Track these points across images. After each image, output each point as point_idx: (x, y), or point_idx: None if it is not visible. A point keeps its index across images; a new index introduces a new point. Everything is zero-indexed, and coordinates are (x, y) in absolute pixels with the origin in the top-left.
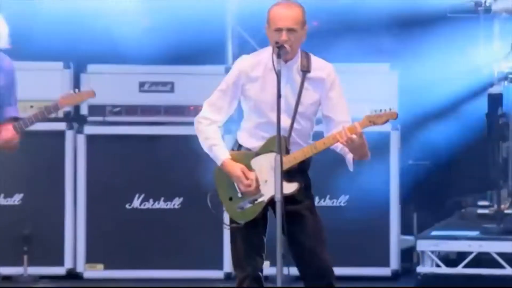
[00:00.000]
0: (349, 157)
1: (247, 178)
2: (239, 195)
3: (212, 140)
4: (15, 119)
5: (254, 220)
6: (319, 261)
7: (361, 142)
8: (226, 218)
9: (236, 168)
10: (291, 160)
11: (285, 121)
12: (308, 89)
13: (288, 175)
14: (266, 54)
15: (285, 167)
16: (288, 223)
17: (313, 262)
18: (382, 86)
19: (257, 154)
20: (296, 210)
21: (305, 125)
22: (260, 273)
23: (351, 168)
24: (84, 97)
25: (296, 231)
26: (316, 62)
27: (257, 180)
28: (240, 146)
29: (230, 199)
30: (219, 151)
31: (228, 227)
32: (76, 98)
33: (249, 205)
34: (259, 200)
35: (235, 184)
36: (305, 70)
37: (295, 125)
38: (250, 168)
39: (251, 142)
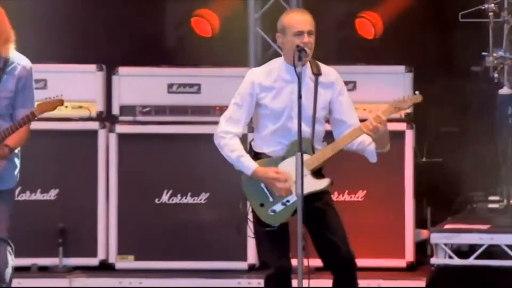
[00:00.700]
0: (370, 148)
1: (281, 177)
2: (270, 199)
3: (238, 152)
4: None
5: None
6: (341, 253)
7: (385, 130)
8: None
9: (270, 172)
10: (319, 157)
11: (305, 124)
12: (321, 93)
13: (318, 172)
14: (276, 64)
15: (316, 164)
16: (311, 218)
17: (335, 254)
18: (397, 87)
19: (283, 158)
20: (317, 206)
21: (319, 128)
22: (287, 271)
23: (373, 159)
24: (56, 104)
25: (318, 226)
26: (323, 67)
27: (288, 180)
28: (255, 153)
29: (261, 205)
30: (248, 161)
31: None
32: (48, 106)
33: (282, 207)
34: (292, 200)
35: (265, 190)
36: (317, 74)
37: (308, 129)
38: None
39: (268, 148)
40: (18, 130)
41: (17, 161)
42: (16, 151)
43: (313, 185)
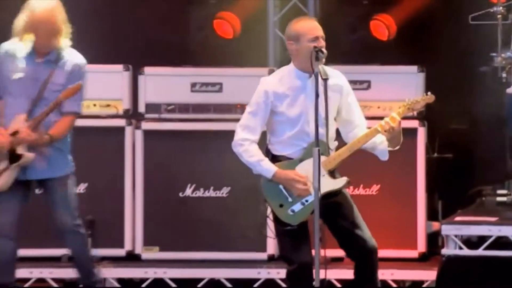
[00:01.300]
0: (382, 147)
1: (300, 179)
2: (289, 200)
3: (258, 157)
4: (75, 113)
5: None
6: (360, 242)
7: (399, 130)
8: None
9: (290, 173)
10: (336, 158)
11: (320, 130)
12: (330, 96)
13: (333, 172)
14: (286, 71)
15: (333, 165)
16: (329, 212)
17: (355, 244)
18: (410, 86)
19: (301, 160)
20: (335, 201)
21: (331, 129)
22: (309, 266)
23: (385, 157)
24: (76, 89)
25: (337, 219)
26: (330, 71)
27: (307, 181)
28: (273, 156)
29: (281, 205)
30: (267, 164)
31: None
32: (70, 91)
33: (301, 207)
34: (310, 200)
35: (284, 191)
36: (326, 78)
37: (323, 131)
38: None
39: (286, 150)
40: (60, 122)
41: (65, 149)
42: (68, 139)
43: (330, 184)
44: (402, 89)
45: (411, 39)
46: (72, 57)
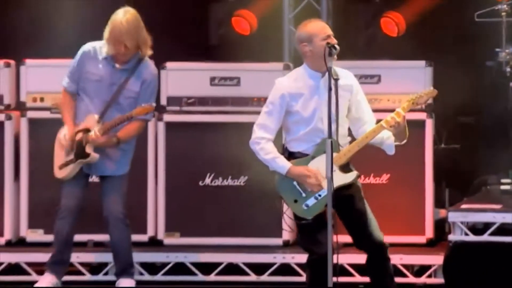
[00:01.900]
0: (388, 142)
1: (311, 174)
2: (303, 195)
3: (273, 154)
4: (145, 120)
5: (320, 213)
6: (369, 236)
7: (404, 125)
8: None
9: (302, 169)
10: (346, 153)
11: (332, 127)
12: (341, 95)
13: (344, 166)
14: (299, 73)
15: (343, 160)
16: (341, 206)
17: (363, 237)
18: (418, 80)
19: (313, 157)
20: (348, 194)
21: (344, 126)
22: (326, 256)
23: (391, 152)
24: (148, 109)
25: (348, 211)
26: (340, 71)
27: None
28: (290, 153)
29: (295, 201)
30: (282, 161)
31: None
32: (142, 110)
33: (314, 201)
34: (323, 194)
35: (298, 187)
36: (337, 78)
37: (334, 128)
38: None
39: (301, 147)
40: (129, 126)
41: (128, 150)
42: (133, 141)
43: (341, 179)
44: (410, 83)
45: (420, 36)
46: (148, 65)
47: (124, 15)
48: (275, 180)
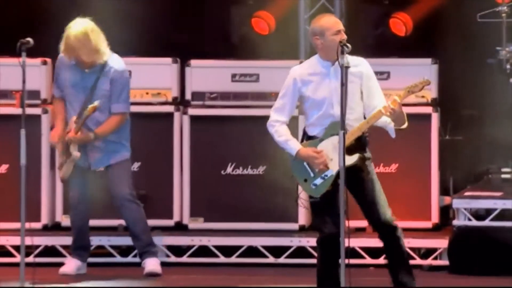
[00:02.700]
0: (390, 126)
1: (318, 156)
2: (312, 175)
3: (286, 136)
4: (122, 113)
5: (328, 192)
6: (378, 218)
7: (401, 111)
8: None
9: (310, 151)
10: (349, 137)
11: (339, 110)
12: (352, 81)
13: (349, 150)
14: (312, 62)
15: (347, 143)
16: (356, 187)
17: (374, 217)
18: (425, 76)
19: (321, 140)
20: (360, 177)
21: (357, 110)
22: (334, 235)
23: (393, 135)
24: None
25: (360, 193)
26: (354, 59)
27: (325, 157)
28: (308, 136)
29: (305, 180)
30: (294, 144)
31: (306, 206)
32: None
33: (321, 181)
34: (329, 175)
35: (307, 167)
36: (347, 66)
37: (349, 111)
38: None
39: (314, 130)
40: (107, 122)
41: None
42: (124, 131)
43: (346, 160)
44: (417, 79)
45: (426, 35)
46: (114, 63)
47: (74, 30)
48: (289, 160)
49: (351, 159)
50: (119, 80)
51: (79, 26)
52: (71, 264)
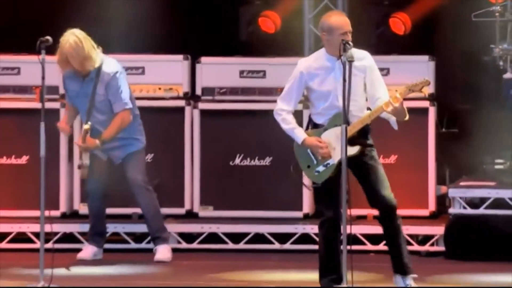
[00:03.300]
0: (392, 119)
1: (322, 145)
2: (315, 162)
3: (292, 125)
4: (124, 110)
5: (330, 179)
6: (382, 198)
7: (402, 108)
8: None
9: (314, 140)
10: (351, 129)
11: (341, 101)
12: (356, 74)
13: (350, 141)
14: (319, 55)
15: (349, 134)
16: (359, 171)
17: (376, 199)
18: (422, 73)
19: (325, 129)
20: (364, 161)
21: (360, 101)
22: (334, 218)
23: (395, 127)
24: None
25: (365, 177)
26: (358, 52)
27: (328, 147)
28: (314, 123)
29: (308, 166)
30: (299, 132)
31: (311, 188)
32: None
33: (323, 168)
34: (331, 163)
35: (311, 155)
36: (351, 60)
37: (352, 103)
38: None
39: (320, 119)
40: (112, 123)
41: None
42: (132, 126)
43: (348, 150)
44: (416, 75)
45: (424, 33)
46: (106, 68)
47: (67, 40)
48: (294, 147)
49: (353, 150)
50: (112, 82)
51: (72, 36)
52: (88, 250)
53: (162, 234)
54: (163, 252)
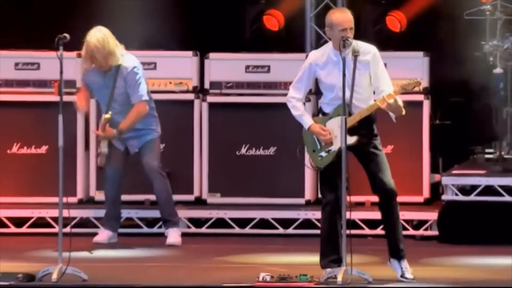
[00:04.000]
0: (391, 114)
1: (324, 133)
2: (319, 147)
3: (301, 112)
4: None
5: (333, 164)
6: (382, 184)
7: (397, 105)
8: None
9: (317, 127)
10: (351, 120)
11: (347, 93)
12: (360, 68)
13: (351, 130)
14: (327, 48)
15: (349, 124)
16: (363, 159)
17: (378, 185)
18: (417, 68)
19: (330, 117)
20: (367, 150)
21: (363, 94)
22: (335, 202)
23: (394, 120)
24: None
25: (368, 164)
26: (363, 47)
27: (330, 135)
28: (322, 112)
29: (314, 151)
30: (306, 119)
31: (315, 169)
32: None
33: (326, 154)
34: (332, 150)
35: (316, 140)
36: (356, 54)
37: (355, 95)
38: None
39: (327, 108)
40: (129, 114)
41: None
42: (147, 117)
43: (347, 140)
44: (411, 70)
45: (419, 31)
46: (126, 63)
47: (94, 37)
48: (302, 132)
49: (351, 140)
50: (131, 76)
51: (99, 33)
52: (103, 234)
53: (173, 218)
54: (174, 236)
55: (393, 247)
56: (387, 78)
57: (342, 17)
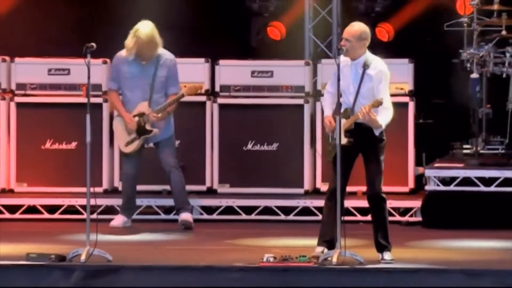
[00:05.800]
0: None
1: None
2: (330, 141)
3: (326, 102)
4: (175, 94)
5: (341, 156)
6: (373, 189)
7: (370, 119)
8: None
9: (326, 120)
10: (345, 124)
11: (351, 98)
12: (365, 80)
13: (348, 131)
14: (344, 58)
15: (345, 127)
16: (364, 158)
17: (368, 190)
18: (403, 73)
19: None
20: (368, 151)
21: (366, 103)
22: (334, 190)
23: (376, 133)
24: (197, 89)
25: (366, 165)
26: (374, 62)
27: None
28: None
29: (329, 142)
30: (326, 110)
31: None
32: (192, 89)
33: (331, 148)
34: (333, 144)
35: (330, 132)
36: (364, 67)
37: (358, 102)
38: None
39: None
40: (171, 103)
41: (169, 119)
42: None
43: (341, 140)
44: (398, 75)
45: (404, 40)
46: (166, 55)
47: (145, 30)
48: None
49: (343, 140)
50: (174, 68)
51: (148, 26)
52: (119, 219)
53: (186, 206)
54: (187, 216)
55: (378, 243)
56: (383, 93)
57: (346, 29)
